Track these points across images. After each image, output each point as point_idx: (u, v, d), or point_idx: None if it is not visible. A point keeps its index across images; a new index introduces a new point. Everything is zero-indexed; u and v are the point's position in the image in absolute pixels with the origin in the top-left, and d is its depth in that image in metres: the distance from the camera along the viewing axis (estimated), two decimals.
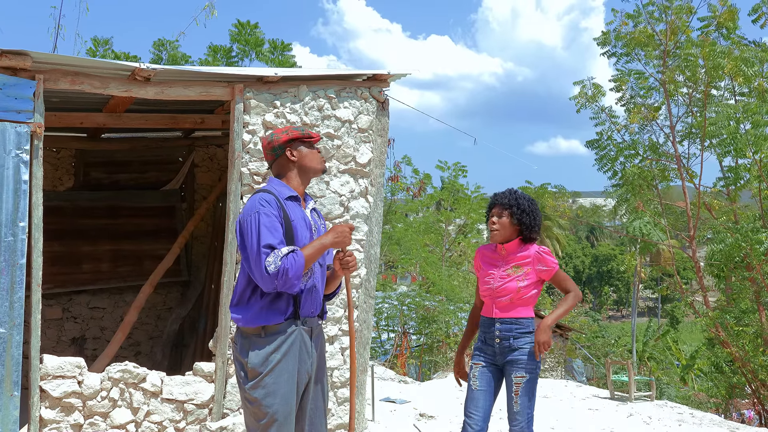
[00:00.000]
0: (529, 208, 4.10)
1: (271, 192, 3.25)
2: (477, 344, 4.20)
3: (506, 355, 4.03)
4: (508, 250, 4.12)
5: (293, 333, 3.21)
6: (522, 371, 3.98)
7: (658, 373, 19.85)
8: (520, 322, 4.04)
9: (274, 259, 3.04)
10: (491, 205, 4.20)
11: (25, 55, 4.81)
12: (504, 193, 4.18)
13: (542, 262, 4.09)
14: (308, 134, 3.39)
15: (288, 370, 3.18)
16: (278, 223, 3.16)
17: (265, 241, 3.08)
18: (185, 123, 7.06)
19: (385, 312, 17.44)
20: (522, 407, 3.96)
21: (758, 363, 10.32)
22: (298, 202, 3.33)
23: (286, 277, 3.04)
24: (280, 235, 3.15)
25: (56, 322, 8.28)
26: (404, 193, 26.32)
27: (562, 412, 7.88)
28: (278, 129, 3.44)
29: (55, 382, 5.10)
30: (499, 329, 4.04)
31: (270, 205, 3.18)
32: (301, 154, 3.37)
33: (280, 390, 3.15)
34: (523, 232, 4.11)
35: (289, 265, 3.04)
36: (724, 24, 11.57)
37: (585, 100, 12.68)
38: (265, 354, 3.16)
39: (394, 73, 5.75)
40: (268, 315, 3.17)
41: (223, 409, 5.38)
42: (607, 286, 60.81)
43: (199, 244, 8.74)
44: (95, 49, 20.02)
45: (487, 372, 4.09)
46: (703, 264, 12.31)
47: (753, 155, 9.78)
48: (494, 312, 4.07)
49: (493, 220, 4.13)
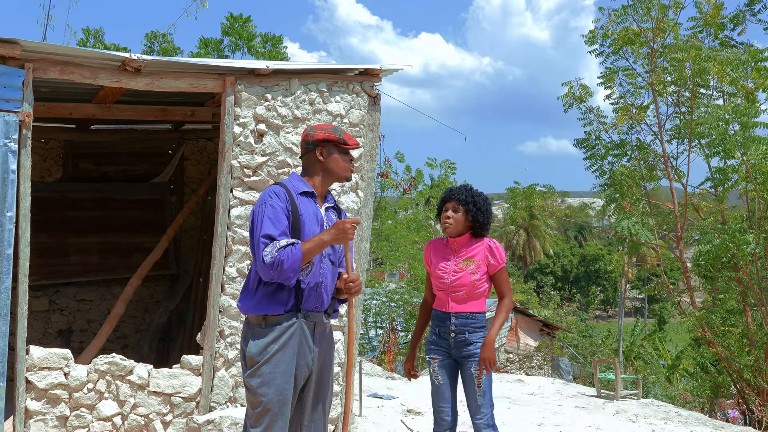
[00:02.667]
0: (483, 206, 4.16)
1: (284, 185, 3.31)
2: (431, 338, 4.22)
3: (461, 349, 4.07)
4: (459, 244, 4.16)
5: (293, 325, 3.23)
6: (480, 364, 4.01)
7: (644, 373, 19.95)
8: (475, 316, 4.08)
9: (271, 250, 3.11)
10: (446, 199, 4.22)
11: (14, 43, 4.77)
12: (460, 188, 4.22)
13: (492, 255, 4.13)
14: (344, 140, 3.39)
15: (285, 361, 3.20)
16: (283, 216, 3.20)
17: (265, 232, 3.15)
18: (175, 115, 7.03)
19: (374, 308, 17.45)
20: (485, 399, 4.01)
21: (743, 363, 10.38)
22: (312, 199, 3.36)
23: (281, 268, 3.09)
24: (283, 226, 3.19)
25: (43, 314, 8.23)
26: (394, 189, 26.31)
27: (549, 410, 7.90)
28: (319, 125, 3.45)
29: (41, 374, 5.06)
30: (454, 323, 4.08)
31: (278, 197, 3.24)
32: (330, 158, 3.38)
33: (275, 380, 3.18)
34: (475, 228, 4.16)
35: (285, 257, 3.09)
36: (711, 23, 11.62)
37: (572, 100, 12.73)
38: (264, 344, 3.21)
39: (387, 68, 5.74)
40: (269, 305, 3.22)
41: (210, 403, 5.36)
42: (595, 286, 61.08)
43: (187, 237, 8.71)
44: (86, 39, 19.88)
45: (446, 365, 4.13)
46: (690, 264, 12.38)
47: (741, 156, 9.82)
48: (450, 306, 4.10)
49: (447, 215, 4.15)
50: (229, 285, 5.45)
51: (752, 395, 10.37)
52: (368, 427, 6.57)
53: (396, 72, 5.92)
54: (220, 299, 5.43)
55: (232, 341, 5.43)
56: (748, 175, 9.82)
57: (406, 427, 6.64)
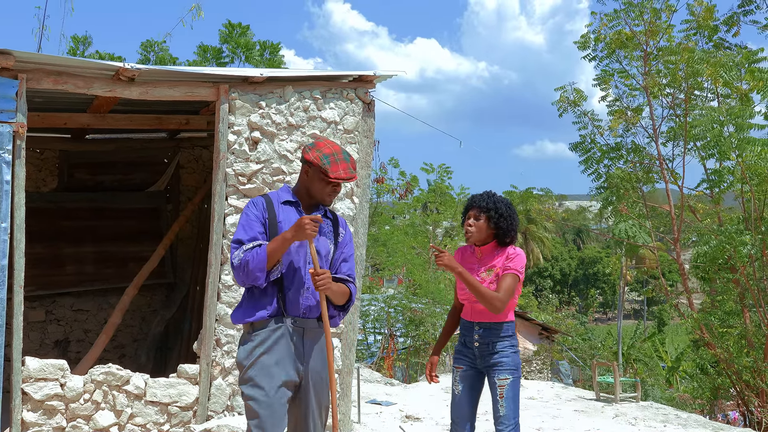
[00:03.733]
0: (506, 213, 4.03)
1: (267, 196, 3.40)
2: (458, 346, 4.14)
3: (487, 359, 3.98)
4: (484, 253, 4.07)
5: (278, 330, 3.25)
6: (505, 373, 3.93)
7: (643, 375, 19.94)
8: (500, 326, 3.97)
9: (238, 253, 3.21)
10: (468, 207, 4.13)
11: (7, 54, 4.77)
12: (482, 195, 4.11)
13: (506, 260, 3.99)
14: (325, 171, 3.29)
15: (270, 365, 3.21)
16: (257, 223, 3.28)
17: (236, 237, 3.28)
18: (170, 124, 7.03)
19: (372, 314, 17.41)
20: (508, 410, 3.91)
21: (742, 364, 10.37)
22: (296, 207, 3.37)
23: (247, 268, 3.16)
24: (254, 232, 3.26)
25: (39, 324, 8.21)
26: (390, 195, 26.31)
27: (548, 414, 7.89)
28: (321, 142, 3.39)
29: (37, 385, 5.04)
30: (478, 333, 3.99)
31: (255, 206, 3.33)
32: (313, 180, 3.35)
33: (262, 383, 3.19)
34: (498, 236, 4.04)
35: (251, 257, 3.16)
36: (703, 26, 11.66)
37: (566, 105, 12.75)
38: (249, 349, 3.25)
39: (380, 74, 5.75)
40: (253, 311, 3.26)
41: (208, 412, 5.35)
42: (593, 289, 61.06)
43: (184, 245, 8.69)
44: (76, 47, 19.88)
45: (468, 375, 4.04)
46: (688, 266, 12.38)
47: (737, 158, 9.84)
48: (473, 316, 4.02)
49: (469, 223, 4.06)
50: (225, 293, 5.44)
51: (752, 396, 10.36)
52: None
53: (390, 78, 5.92)
54: (216, 307, 5.42)
55: (228, 349, 5.41)
56: (744, 176, 9.83)
57: None
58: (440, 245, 27.79)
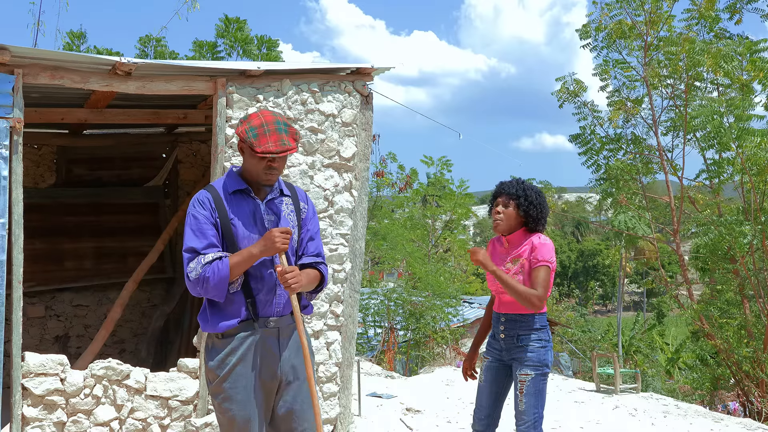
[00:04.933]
0: (537, 200, 3.87)
1: (212, 188, 3.04)
2: (489, 339, 4.06)
3: (512, 352, 3.87)
4: (511, 243, 3.92)
5: (250, 336, 3.00)
6: (526, 369, 3.80)
7: (643, 367, 19.97)
8: (525, 317, 3.83)
9: (195, 266, 2.90)
10: (496, 194, 3.96)
11: (3, 49, 4.74)
12: (512, 182, 3.95)
13: (533, 251, 3.82)
14: (251, 144, 2.93)
15: (245, 375, 2.99)
16: (208, 225, 2.95)
17: (188, 245, 2.94)
18: (168, 118, 7.00)
19: (372, 308, 17.41)
20: (527, 406, 3.77)
21: (742, 355, 10.39)
22: (248, 195, 3.04)
23: (207, 285, 2.88)
24: (209, 238, 2.94)
25: (39, 320, 8.21)
26: (390, 188, 26.29)
27: (548, 405, 7.88)
28: (253, 114, 3.03)
29: (37, 380, 5.04)
30: (503, 324, 3.89)
31: (201, 205, 2.98)
32: (245, 157, 3.03)
33: (237, 396, 2.98)
34: (528, 224, 3.88)
35: (210, 273, 2.86)
36: (705, 15, 11.63)
37: (567, 96, 12.72)
38: (221, 358, 3.00)
39: (378, 66, 5.73)
40: (222, 319, 2.99)
41: (208, 406, 5.35)
42: (593, 281, 61.13)
43: (183, 240, 8.68)
44: (72, 42, 19.80)
45: (492, 367, 3.95)
46: (687, 258, 12.38)
47: (737, 148, 9.84)
48: (499, 307, 3.93)
49: (497, 210, 3.89)
50: None
51: (752, 387, 10.37)
52: (367, 425, 6.56)
53: (388, 70, 5.90)
54: None
55: None
56: (744, 167, 9.84)
57: (406, 426, 6.63)
58: (440, 239, 27.79)
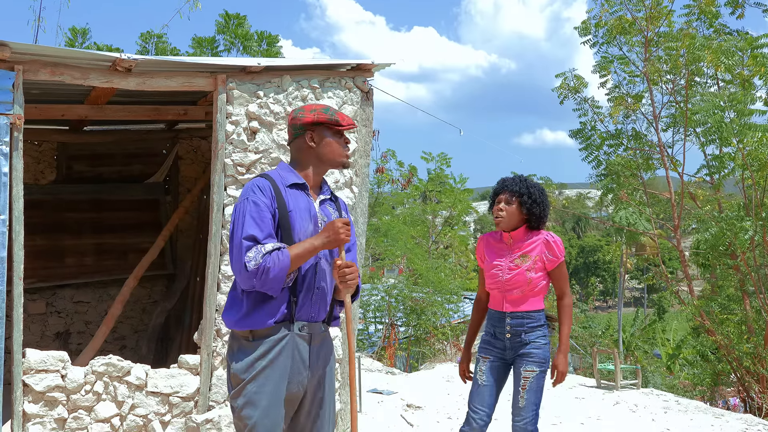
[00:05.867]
0: (539, 198, 3.88)
1: (269, 177, 2.89)
2: (485, 337, 4.00)
3: (517, 350, 3.86)
4: (515, 239, 3.90)
5: (284, 339, 2.83)
6: (533, 365, 3.81)
7: (643, 363, 19.99)
8: (532, 315, 3.85)
9: (255, 255, 2.71)
10: (498, 191, 3.96)
11: (3, 45, 4.74)
12: (514, 179, 3.94)
13: (550, 250, 3.87)
14: (336, 120, 2.94)
15: (274, 380, 2.81)
16: (268, 214, 2.80)
17: (248, 232, 2.74)
18: (168, 114, 7.00)
19: (373, 304, 17.43)
20: (528, 402, 3.79)
21: (743, 350, 10.40)
22: (304, 191, 2.94)
23: (266, 276, 2.70)
24: (269, 227, 2.78)
25: (40, 316, 8.22)
26: (390, 185, 26.29)
27: (548, 401, 7.89)
28: (307, 105, 3.01)
29: (38, 377, 5.04)
30: (510, 324, 3.86)
31: (262, 192, 2.82)
32: (322, 142, 2.95)
33: (261, 401, 2.79)
34: (531, 221, 3.89)
35: (272, 264, 2.69)
36: (705, 10, 11.61)
37: (567, 91, 12.72)
38: (250, 360, 2.82)
39: (378, 62, 5.72)
40: (257, 317, 2.81)
41: (209, 402, 5.35)
42: (594, 277, 61.14)
43: (183, 236, 8.69)
44: (74, 39, 19.78)
45: (495, 367, 3.92)
46: (688, 254, 12.38)
47: (738, 144, 9.83)
48: (504, 306, 3.88)
49: (500, 207, 3.88)
50: (225, 284, 5.43)
51: (752, 382, 10.38)
52: (368, 422, 6.57)
53: (389, 66, 5.89)
54: (216, 298, 5.42)
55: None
56: (745, 162, 9.82)
57: (406, 422, 6.64)
58: (440, 235, 27.79)
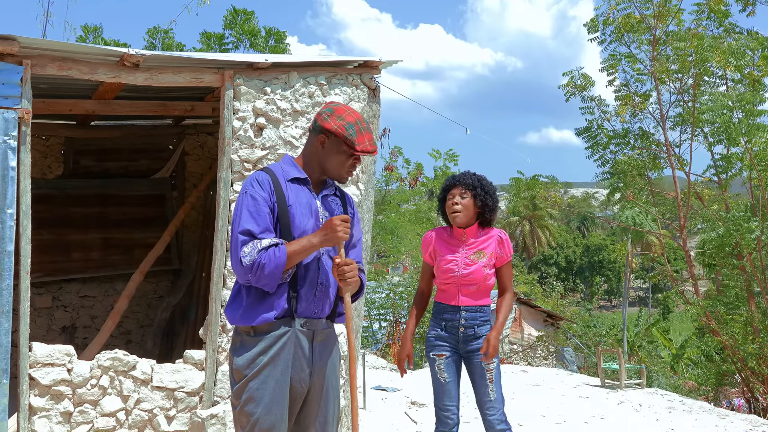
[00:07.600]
0: (491, 189, 4.00)
1: (270, 171, 2.84)
2: (434, 332, 4.01)
3: (470, 344, 3.93)
4: (469, 234, 3.97)
5: (286, 335, 2.79)
6: (492, 358, 3.85)
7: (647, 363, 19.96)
8: (484, 309, 3.96)
9: (250, 250, 2.68)
10: (449, 186, 4.01)
11: (11, 39, 4.75)
12: (465, 174, 4.02)
13: (502, 248, 3.99)
14: (351, 142, 2.81)
15: (275, 376, 2.77)
16: (266, 208, 2.76)
17: (244, 227, 2.71)
18: (175, 110, 7.01)
19: (378, 301, 17.46)
20: (498, 394, 3.87)
21: (747, 351, 10.38)
22: (306, 186, 2.89)
23: (260, 272, 2.67)
24: (266, 222, 2.74)
25: (46, 310, 8.25)
26: (399, 183, 26.31)
27: (553, 400, 7.90)
28: (340, 108, 2.88)
29: (44, 370, 5.07)
30: (465, 317, 3.92)
31: (260, 186, 2.78)
32: (331, 152, 2.86)
33: (263, 398, 2.76)
34: (484, 214, 3.97)
35: (267, 260, 2.66)
36: (715, 9, 11.56)
37: (574, 90, 12.68)
38: (252, 356, 2.78)
39: (386, 60, 5.71)
40: (257, 312, 2.77)
41: (214, 397, 5.37)
42: (599, 276, 61.08)
43: (189, 232, 8.71)
44: (85, 36, 19.85)
45: (452, 362, 3.97)
46: (693, 253, 12.35)
47: (745, 144, 9.79)
48: (460, 300, 3.93)
49: (455, 201, 3.93)
50: (231, 279, 5.44)
51: (757, 383, 10.36)
52: (372, 419, 6.58)
53: (396, 63, 5.89)
54: (222, 294, 5.43)
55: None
56: (752, 162, 9.79)
57: (410, 419, 6.65)
58: None
